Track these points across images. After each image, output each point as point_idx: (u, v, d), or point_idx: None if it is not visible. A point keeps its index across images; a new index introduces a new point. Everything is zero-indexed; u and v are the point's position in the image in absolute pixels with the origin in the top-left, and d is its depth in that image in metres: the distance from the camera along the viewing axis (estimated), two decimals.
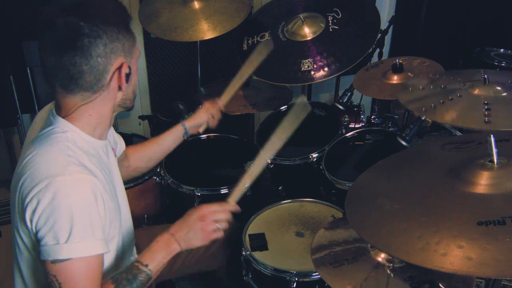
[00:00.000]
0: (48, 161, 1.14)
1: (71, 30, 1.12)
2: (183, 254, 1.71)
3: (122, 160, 1.65)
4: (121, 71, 1.20)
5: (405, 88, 1.64)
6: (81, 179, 1.13)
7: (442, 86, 1.56)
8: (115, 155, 1.49)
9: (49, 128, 1.20)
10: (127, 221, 1.44)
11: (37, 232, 1.11)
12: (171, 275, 1.78)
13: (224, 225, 1.35)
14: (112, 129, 1.53)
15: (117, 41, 1.17)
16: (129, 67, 1.22)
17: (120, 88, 1.22)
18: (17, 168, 1.19)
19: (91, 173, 1.17)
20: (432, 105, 1.47)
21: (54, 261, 1.10)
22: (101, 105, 1.22)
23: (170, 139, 1.77)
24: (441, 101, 1.47)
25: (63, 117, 1.20)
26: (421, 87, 1.60)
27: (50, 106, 1.27)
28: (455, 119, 1.38)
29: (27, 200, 1.11)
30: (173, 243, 1.30)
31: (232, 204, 1.43)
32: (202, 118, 1.84)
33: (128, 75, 1.22)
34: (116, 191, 1.34)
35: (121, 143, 1.61)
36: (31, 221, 1.11)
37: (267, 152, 1.56)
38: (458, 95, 1.48)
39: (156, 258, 1.26)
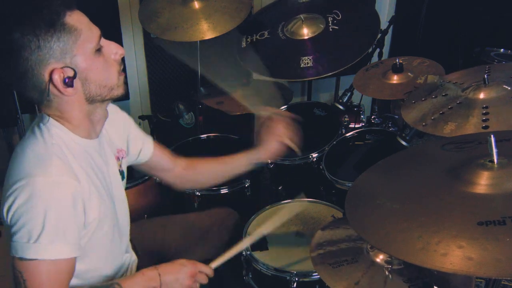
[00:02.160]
0: (30, 159, 1.14)
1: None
2: (178, 246, 1.72)
3: (169, 168, 1.60)
4: (52, 78, 1.12)
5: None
6: (60, 183, 1.13)
7: (443, 94, 1.56)
8: (123, 157, 1.47)
9: (36, 125, 1.21)
10: (123, 218, 1.44)
11: (11, 227, 1.12)
12: None
13: (197, 286, 1.39)
14: (131, 129, 1.50)
15: (39, 50, 1.09)
16: (72, 69, 1.13)
17: (62, 93, 1.14)
18: (11, 158, 1.20)
19: (74, 176, 1.16)
20: (432, 118, 1.47)
21: (21, 258, 1.10)
22: (66, 109, 1.19)
23: (240, 163, 1.63)
24: (441, 112, 1.47)
25: (49, 115, 1.20)
26: (423, 98, 1.60)
27: None
28: (454, 130, 1.39)
29: (6, 195, 1.12)
30: (155, 282, 1.30)
31: (211, 270, 1.43)
32: (271, 150, 1.58)
33: (69, 78, 1.13)
34: (112, 191, 1.33)
35: (146, 144, 1.54)
36: (7, 216, 1.12)
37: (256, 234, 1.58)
38: (458, 102, 1.48)
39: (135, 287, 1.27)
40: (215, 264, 1.45)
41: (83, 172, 1.20)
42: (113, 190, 1.36)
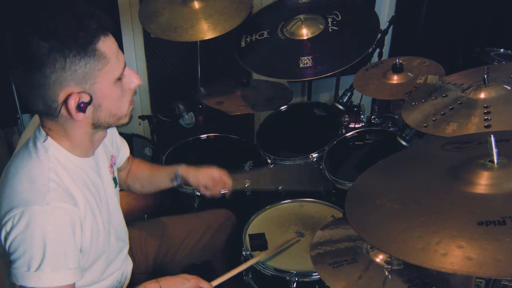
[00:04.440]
0: (26, 184, 1.10)
1: (17, 59, 1.05)
2: (175, 248, 1.72)
3: (123, 169, 1.61)
4: (67, 102, 1.08)
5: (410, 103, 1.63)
6: (59, 209, 1.10)
7: (444, 95, 1.56)
8: (115, 163, 1.46)
9: (33, 144, 1.16)
10: (119, 225, 1.44)
11: (9, 254, 1.10)
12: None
13: None
14: (115, 133, 1.50)
15: (63, 71, 1.03)
16: (89, 95, 1.09)
17: (72, 117, 1.10)
18: (3, 175, 1.16)
19: (72, 201, 1.13)
20: (434, 119, 1.47)
21: (22, 287, 1.09)
22: (70, 129, 1.15)
23: (162, 174, 1.66)
24: (442, 113, 1.47)
25: (46, 133, 1.16)
26: (423, 100, 1.60)
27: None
28: (456, 130, 1.39)
29: (3, 221, 1.08)
30: None
31: (212, 287, 1.44)
32: (197, 180, 1.61)
33: (84, 104, 1.09)
34: (107, 203, 1.32)
35: (124, 149, 1.56)
36: (5, 242, 1.10)
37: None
38: (459, 102, 1.48)
39: None
40: (216, 282, 1.46)
41: (80, 192, 1.17)
42: (108, 201, 1.34)
